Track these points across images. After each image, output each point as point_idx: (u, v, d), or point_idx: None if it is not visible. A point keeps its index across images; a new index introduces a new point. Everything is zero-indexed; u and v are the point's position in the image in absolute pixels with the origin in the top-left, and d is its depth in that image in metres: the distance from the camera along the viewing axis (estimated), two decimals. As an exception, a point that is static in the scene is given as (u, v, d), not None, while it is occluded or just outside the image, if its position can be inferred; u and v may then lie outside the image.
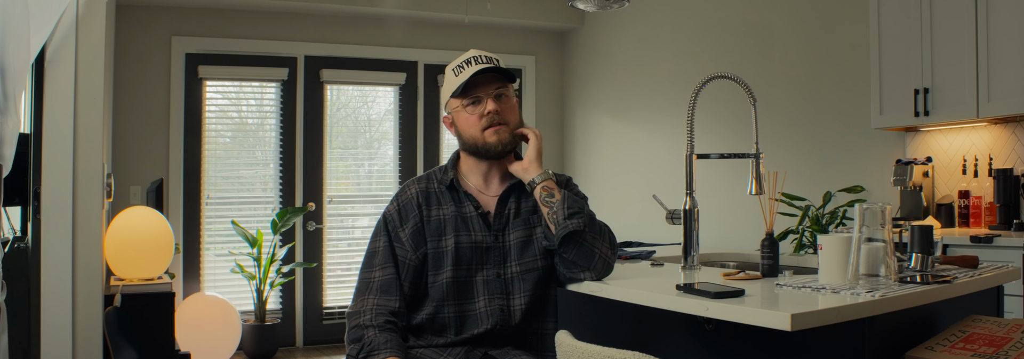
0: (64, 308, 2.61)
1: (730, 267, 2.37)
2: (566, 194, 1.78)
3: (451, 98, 1.85)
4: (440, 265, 1.80)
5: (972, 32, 2.97)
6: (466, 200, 1.85)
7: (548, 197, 1.77)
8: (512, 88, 1.88)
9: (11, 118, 1.89)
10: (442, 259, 1.80)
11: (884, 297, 1.46)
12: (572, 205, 1.76)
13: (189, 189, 4.81)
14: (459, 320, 1.79)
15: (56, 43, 2.61)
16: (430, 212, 1.84)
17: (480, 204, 1.85)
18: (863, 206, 1.67)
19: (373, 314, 1.73)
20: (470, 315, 1.79)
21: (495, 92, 1.82)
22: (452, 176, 1.87)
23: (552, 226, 1.75)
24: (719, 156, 2.05)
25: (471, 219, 1.83)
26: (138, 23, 4.67)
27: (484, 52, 1.85)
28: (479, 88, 1.81)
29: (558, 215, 1.74)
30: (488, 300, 1.79)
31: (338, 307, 5.11)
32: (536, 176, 1.79)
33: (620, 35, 5.24)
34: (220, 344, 4.22)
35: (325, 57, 5.12)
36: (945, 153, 3.37)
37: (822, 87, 3.89)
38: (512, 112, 1.85)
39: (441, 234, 1.82)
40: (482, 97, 1.82)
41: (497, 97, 1.82)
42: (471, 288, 1.80)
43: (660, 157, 4.85)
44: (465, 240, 1.81)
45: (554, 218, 1.74)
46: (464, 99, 1.83)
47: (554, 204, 1.75)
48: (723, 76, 2.00)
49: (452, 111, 1.86)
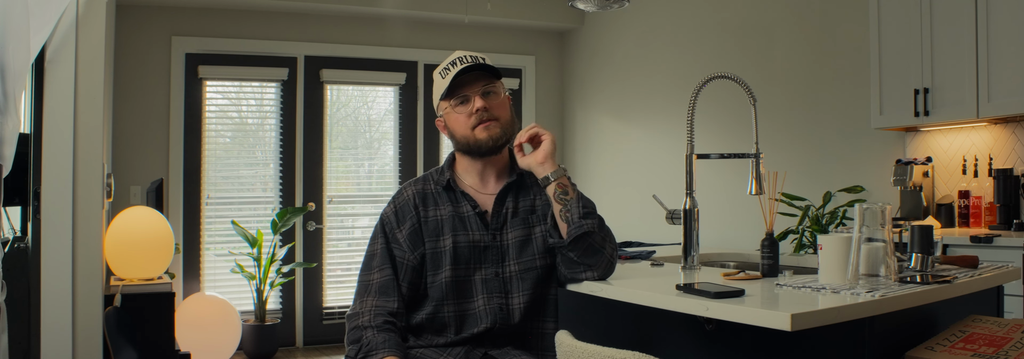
0: (64, 308, 2.61)
1: (730, 267, 2.37)
2: (579, 193, 1.79)
3: (441, 101, 1.85)
4: (439, 265, 1.81)
5: (972, 32, 2.97)
6: (463, 200, 1.85)
7: (562, 194, 1.76)
8: (501, 85, 1.86)
9: (11, 118, 1.89)
10: (441, 259, 1.81)
11: (884, 297, 1.46)
12: (586, 204, 1.76)
13: (189, 189, 4.81)
14: (459, 319, 1.79)
15: (56, 43, 2.61)
16: (427, 213, 1.84)
17: (477, 203, 1.85)
18: (863, 206, 1.67)
19: (372, 315, 1.74)
20: (469, 314, 1.79)
21: (482, 89, 1.82)
22: (448, 177, 1.87)
23: (563, 224, 1.75)
24: (719, 156, 2.05)
25: (468, 218, 1.83)
26: (138, 23, 4.67)
27: (469, 52, 1.85)
28: (466, 87, 1.81)
29: (573, 214, 1.73)
30: (487, 299, 1.79)
31: (338, 307, 5.11)
32: (551, 173, 1.78)
33: (620, 35, 5.24)
34: (220, 344, 4.22)
35: (325, 57, 5.12)
36: (945, 153, 3.37)
37: (822, 87, 3.89)
38: (501, 108, 1.84)
39: (439, 234, 1.82)
40: (469, 96, 1.82)
41: (485, 94, 1.82)
42: (470, 287, 1.80)
43: (660, 157, 4.85)
44: (463, 239, 1.81)
45: (568, 217, 1.74)
46: (452, 99, 1.83)
47: (569, 202, 1.75)
48: (723, 76, 2.00)
49: (443, 113, 1.86)
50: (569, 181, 1.79)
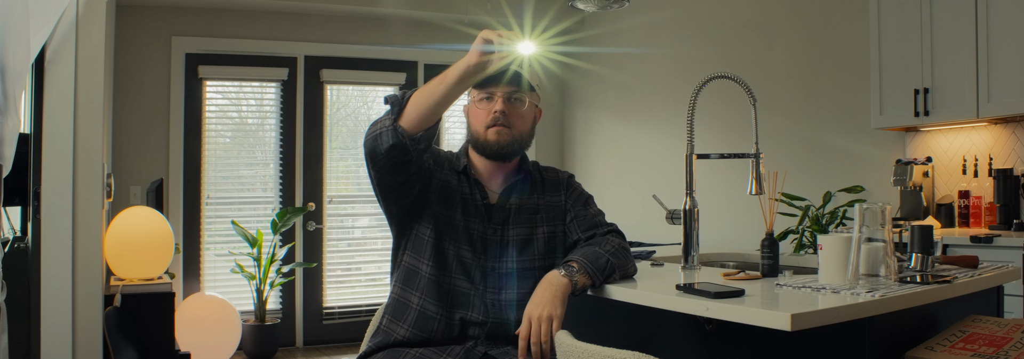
0: (64, 308, 2.61)
1: (730, 267, 2.37)
2: (588, 264, 1.72)
3: (471, 88, 1.84)
4: (451, 235, 1.79)
5: (972, 32, 2.97)
6: (475, 188, 1.85)
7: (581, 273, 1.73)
8: (531, 96, 1.85)
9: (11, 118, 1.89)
10: (454, 231, 1.80)
11: (884, 297, 1.46)
12: (603, 266, 1.73)
13: (189, 189, 4.81)
14: (454, 312, 1.78)
15: (56, 43, 2.61)
16: (445, 176, 1.84)
17: (487, 194, 1.85)
18: (863, 206, 1.67)
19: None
20: (460, 293, 1.79)
21: (509, 93, 1.81)
22: (465, 163, 1.87)
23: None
24: (719, 156, 2.05)
25: (476, 206, 1.83)
26: (138, 23, 4.67)
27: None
28: (496, 85, 1.81)
29: (596, 280, 1.73)
30: (483, 293, 1.79)
31: (338, 307, 5.11)
32: (570, 286, 1.69)
33: (620, 35, 5.24)
34: (220, 344, 4.22)
35: (325, 57, 5.12)
36: (945, 153, 3.37)
37: (822, 87, 3.89)
38: (521, 119, 1.83)
39: (450, 203, 1.81)
40: (495, 95, 1.81)
41: (510, 99, 1.81)
42: (467, 281, 1.80)
43: (660, 157, 4.85)
44: (475, 225, 1.81)
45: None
46: (480, 92, 1.83)
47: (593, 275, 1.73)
48: (723, 76, 2.00)
49: (470, 101, 1.87)
50: (576, 277, 1.70)
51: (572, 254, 1.77)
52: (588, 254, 1.74)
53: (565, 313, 1.64)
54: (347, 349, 4.94)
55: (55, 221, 2.62)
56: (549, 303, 1.62)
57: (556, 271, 1.69)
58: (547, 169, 1.98)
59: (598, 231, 1.87)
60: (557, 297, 1.64)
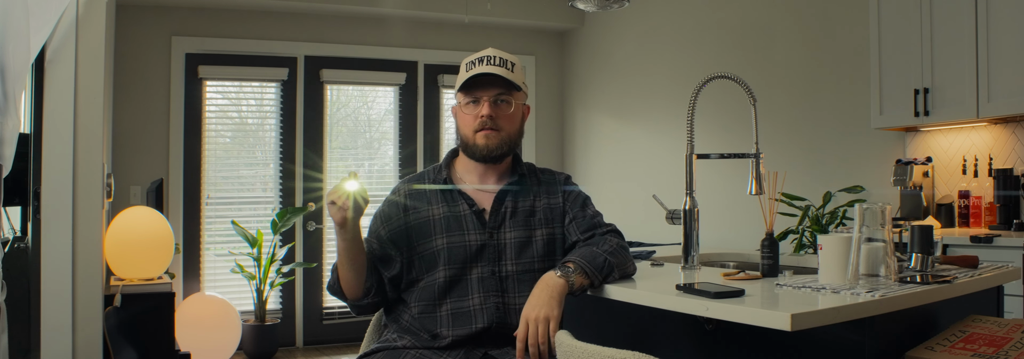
0: (64, 308, 2.61)
1: (730, 267, 2.37)
2: (585, 264, 1.72)
3: (457, 92, 1.85)
4: (433, 265, 1.81)
5: (972, 32, 2.97)
6: (460, 199, 1.85)
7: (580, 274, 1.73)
8: (518, 96, 1.85)
9: (11, 118, 1.89)
10: (435, 259, 1.81)
11: (884, 297, 1.46)
12: (601, 266, 1.72)
13: (189, 189, 4.81)
14: (454, 317, 1.79)
15: (56, 43, 2.61)
16: (419, 213, 1.84)
17: (475, 202, 1.84)
18: (863, 206, 1.67)
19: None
20: (465, 312, 1.79)
21: (495, 96, 1.81)
22: (445, 175, 1.87)
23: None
24: (719, 156, 2.05)
25: (464, 217, 1.83)
26: (138, 23, 4.67)
27: (501, 53, 1.83)
28: (481, 89, 1.81)
29: (595, 280, 1.73)
30: (483, 298, 1.79)
31: (338, 307, 5.11)
32: (567, 287, 1.68)
33: (620, 35, 5.24)
34: (220, 344, 4.22)
35: (325, 57, 5.12)
36: (945, 153, 3.37)
37: (822, 87, 3.89)
38: (509, 120, 1.83)
39: (430, 234, 1.82)
40: (481, 99, 1.81)
41: (496, 102, 1.81)
42: (466, 286, 1.80)
43: (660, 157, 4.85)
44: (457, 240, 1.81)
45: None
46: (465, 96, 1.83)
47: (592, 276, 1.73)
48: (723, 76, 2.00)
49: (457, 104, 1.87)
50: (572, 277, 1.69)
51: (569, 255, 1.77)
52: (585, 254, 1.74)
53: (563, 313, 1.64)
54: (347, 349, 4.94)
55: (55, 221, 2.62)
56: (545, 304, 1.62)
57: (552, 272, 1.69)
58: (544, 171, 1.97)
59: (597, 232, 1.86)
60: (553, 298, 1.64)
